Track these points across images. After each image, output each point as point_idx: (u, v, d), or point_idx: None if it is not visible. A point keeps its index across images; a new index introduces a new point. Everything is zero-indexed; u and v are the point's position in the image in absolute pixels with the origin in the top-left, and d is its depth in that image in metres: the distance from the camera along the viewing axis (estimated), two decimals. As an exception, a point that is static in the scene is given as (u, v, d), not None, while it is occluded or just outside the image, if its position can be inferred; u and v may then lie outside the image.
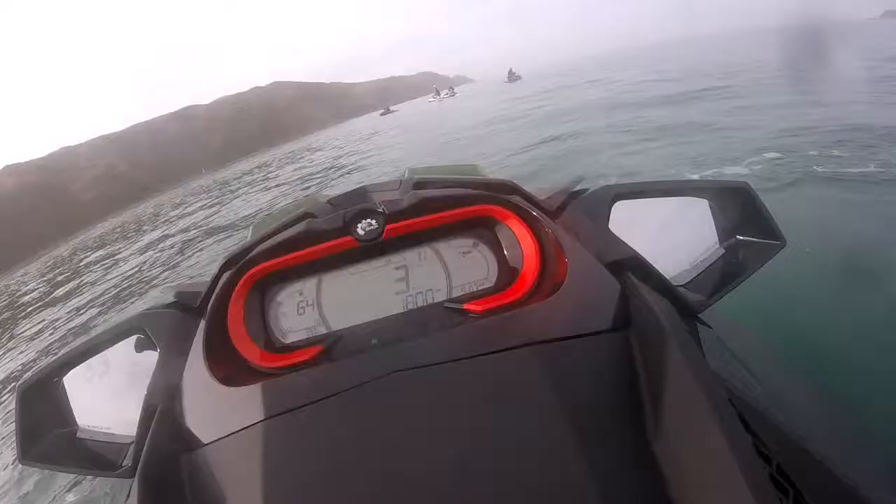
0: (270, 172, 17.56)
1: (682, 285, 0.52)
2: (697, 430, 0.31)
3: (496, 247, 0.57)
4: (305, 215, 0.57)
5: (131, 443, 0.50)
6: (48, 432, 0.53)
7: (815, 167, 3.09)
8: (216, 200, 14.41)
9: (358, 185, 0.64)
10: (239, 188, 15.54)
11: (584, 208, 0.55)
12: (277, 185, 12.27)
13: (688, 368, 0.33)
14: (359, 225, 0.53)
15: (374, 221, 0.53)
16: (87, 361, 0.55)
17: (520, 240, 0.55)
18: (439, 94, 36.98)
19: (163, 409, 0.46)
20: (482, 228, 0.57)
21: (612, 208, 0.54)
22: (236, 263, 0.54)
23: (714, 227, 0.58)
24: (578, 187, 0.59)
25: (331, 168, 11.71)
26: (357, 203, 0.57)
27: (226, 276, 0.54)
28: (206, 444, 0.43)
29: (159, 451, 0.41)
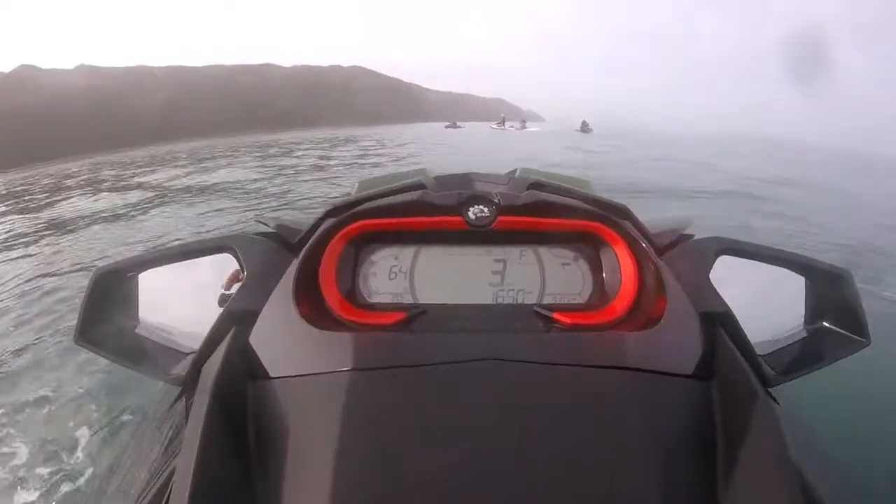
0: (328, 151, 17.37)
1: (760, 355, 0.50)
2: (768, 496, 0.32)
3: (595, 266, 0.56)
4: (419, 185, 0.57)
5: (190, 354, 0.50)
6: (109, 321, 0.54)
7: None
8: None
9: (467, 171, 0.64)
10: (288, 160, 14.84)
11: (690, 252, 0.55)
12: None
13: (769, 437, 0.34)
14: (471, 209, 0.54)
15: (486, 209, 0.54)
16: (169, 265, 0.55)
17: (622, 266, 0.55)
18: (504, 125, 37.01)
19: (238, 331, 0.46)
20: (586, 245, 0.57)
21: (717, 260, 0.54)
22: (341, 213, 0.55)
23: (804, 307, 0.57)
24: (688, 230, 0.59)
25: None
26: (464, 186, 0.59)
27: (329, 222, 0.54)
28: (277, 378, 0.43)
29: (231, 371, 0.41)
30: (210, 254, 0.56)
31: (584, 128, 33.47)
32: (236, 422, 0.39)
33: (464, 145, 19.19)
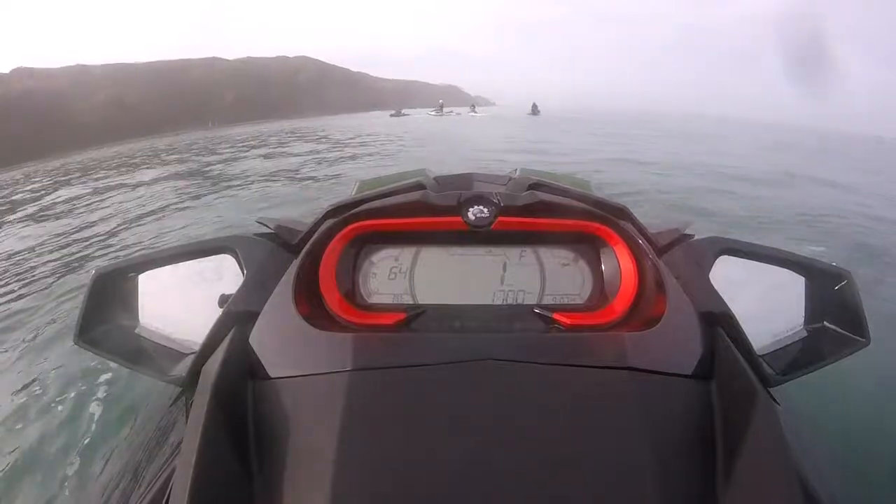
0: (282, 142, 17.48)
1: (760, 355, 0.51)
2: (768, 496, 0.33)
3: (595, 266, 0.57)
4: (419, 185, 0.59)
5: (189, 354, 0.52)
6: (109, 322, 0.54)
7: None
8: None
9: (466, 171, 0.66)
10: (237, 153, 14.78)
11: (690, 253, 0.55)
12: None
13: (769, 437, 0.35)
14: (470, 209, 0.55)
15: (485, 210, 0.55)
16: (168, 266, 0.56)
17: (622, 267, 0.56)
18: (442, 111, 38.18)
19: (238, 332, 0.47)
20: (586, 245, 0.58)
21: (716, 260, 0.54)
22: (341, 214, 0.56)
23: (804, 307, 0.58)
24: (688, 231, 0.60)
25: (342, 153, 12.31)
26: (463, 186, 0.61)
27: (329, 222, 0.56)
28: (277, 378, 0.43)
29: (231, 371, 0.41)
30: (210, 255, 0.56)
31: (534, 110, 36.20)
32: (236, 422, 0.39)
33: (406, 133, 19.65)
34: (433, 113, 37.70)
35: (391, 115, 37.56)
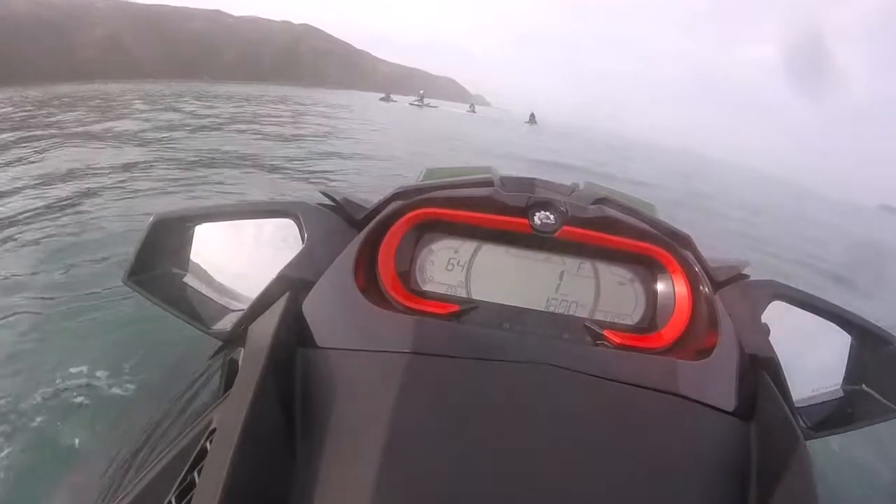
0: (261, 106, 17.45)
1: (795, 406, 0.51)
2: None
3: (651, 290, 0.57)
4: (488, 182, 0.59)
5: (234, 311, 0.53)
6: (160, 267, 0.55)
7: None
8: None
9: (530, 176, 0.64)
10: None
11: (745, 292, 0.56)
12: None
13: (803, 486, 0.35)
14: (537, 214, 0.55)
15: (552, 216, 0.55)
16: (228, 222, 0.57)
17: (677, 295, 0.55)
18: (422, 101, 39.27)
19: (292, 297, 0.47)
20: (644, 268, 0.57)
21: (770, 304, 0.55)
22: (409, 197, 0.57)
23: (845, 366, 0.57)
24: (745, 270, 0.60)
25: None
26: (528, 190, 0.59)
27: (396, 204, 0.56)
28: (327, 348, 0.44)
29: (284, 335, 0.42)
30: (272, 217, 0.57)
31: (531, 120, 38.62)
32: (285, 386, 0.39)
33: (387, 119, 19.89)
34: (416, 102, 39.01)
35: (381, 99, 38.44)
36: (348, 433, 0.36)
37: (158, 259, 0.55)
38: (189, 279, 0.56)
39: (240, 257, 0.58)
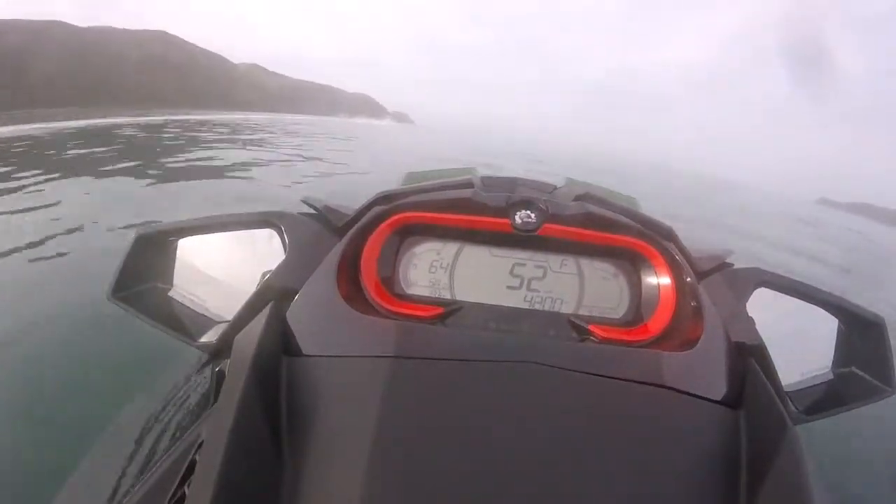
0: None
1: (785, 392, 0.52)
2: None
3: (634, 283, 0.57)
4: (468, 183, 0.58)
5: (220, 322, 0.53)
6: (144, 283, 0.55)
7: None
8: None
9: (512, 175, 0.64)
10: None
11: (729, 281, 0.56)
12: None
13: (794, 472, 0.35)
14: (518, 213, 0.55)
15: (532, 215, 0.55)
16: (210, 235, 0.57)
17: (661, 287, 0.55)
18: None
19: (276, 306, 0.47)
20: (627, 261, 0.57)
21: (755, 292, 0.55)
22: (390, 202, 0.56)
23: (833, 350, 0.58)
24: (728, 259, 0.60)
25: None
26: (509, 190, 0.59)
27: (376, 209, 0.56)
28: (311, 356, 0.43)
29: (269, 345, 0.41)
30: (254, 227, 0.56)
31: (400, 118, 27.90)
32: (270, 395, 0.39)
33: None
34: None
35: None
36: (335, 440, 0.37)
37: (142, 275, 0.56)
38: (174, 293, 0.57)
39: (224, 269, 0.59)
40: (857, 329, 0.57)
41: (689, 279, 0.54)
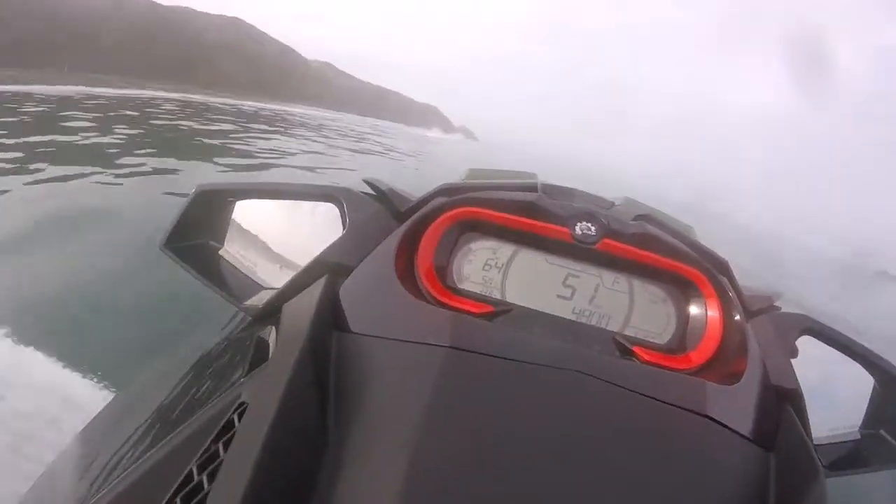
0: None
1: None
2: None
3: (682, 312, 0.57)
4: (532, 187, 0.59)
5: (267, 288, 0.53)
6: (198, 238, 0.56)
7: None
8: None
9: (570, 186, 0.65)
10: None
11: (776, 324, 0.56)
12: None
13: None
14: (579, 224, 0.55)
15: (593, 228, 0.55)
16: (270, 201, 0.58)
17: (709, 319, 0.55)
18: None
19: (330, 280, 0.47)
20: (678, 289, 0.57)
21: (799, 338, 0.55)
22: (454, 194, 0.57)
23: (865, 409, 0.58)
24: (777, 302, 0.60)
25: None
26: (568, 200, 0.59)
27: (440, 199, 0.56)
28: (361, 335, 0.44)
29: (322, 317, 0.42)
30: (315, 199, 0.56)
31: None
32: (319, 367, 0.39)
33: None
34: None
35: None
36: (381, 420, 0.37)
37: (197, 230, 0.56)
38: (225, 253, 0.58)
39: (277, 237, 0.59)
40: (892, 392, 0.56)
41: (737, 315, 0.54)
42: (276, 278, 0.52)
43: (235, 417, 0.35)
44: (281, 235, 0.59)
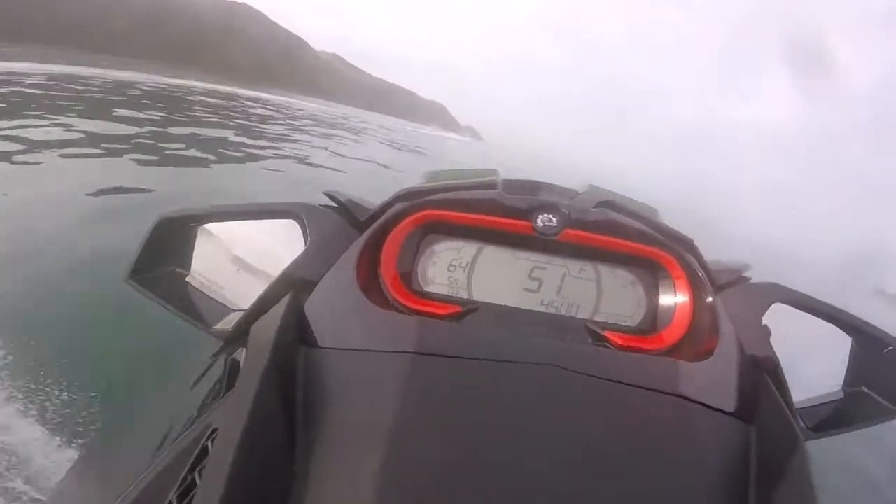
0: None
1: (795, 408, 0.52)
2: None
3: (652, 293, 0.57)
4: (492, 184, 0.59)
5: (236, 311, 0.54)
6: (162, 267, 0.56)
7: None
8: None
9: (534, 179, 0.66)
10: None
11: (746, 295, 0.56)
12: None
13: (803, 489, 0.35)
14: (540, 216, 0.54)
15: (554, 219, 0.54)
16: (231, 223, 0.58)
17: (678, 298, 0.55)
18: None
19: (294, 297, 0.47)
20: (645, 271, 0.57)
21: (771, 307, 0.56)
22: (413, 198, 0.56)
23: (846, 368, 0.59)
24: (746, 273, 0.60)
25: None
26: (532, 193, 0.60)
27: (400, 205, 0.55)
28: (328, 348, 0.43)
29: (286, 334, 0.42)
30: (276, 217, 0.57)
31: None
32: (287, 385, 0.39)
33: None
34: None
35: None
36: (350, 432, 0.37)
37: (161, 259, 0.57)
38: (191, 279, 0.58)
39: (242, 257, 0.60)
40: (871, 349, 0.57)
41: (706, 291, 0.54)
42: (246, 299, 0.51)
43: (209, 444, 0.35)
44: (248, 254, 0.59)
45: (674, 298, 0.55)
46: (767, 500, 0.36)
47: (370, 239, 0.53)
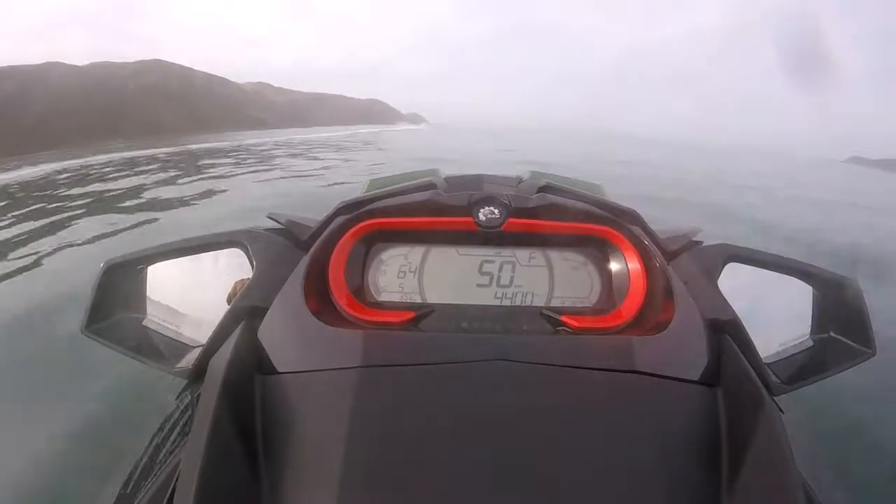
0: None
1: (765, 363, 0.52)
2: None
3: (604, 270, 0.57)
4: (430, 185, 0.59)
5: (196, 347, 0.53)
6: (116, 313, 0.55)
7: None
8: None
9: (476, 173, 0.65)
10: None
11: (698, 259, 0.56)
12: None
13: (774, 445, 0.35)
14: (481, 210, 0.55)
15: (496, 211, 0.54)
16: (177, 260, 0.57)
17: (630, 271, 0.55)
18: None
19: (246, 326, 0.47)
20: (595, 249, 0.58)
21: (724, 267, 0.55)
22: (352, 211, 0.56)
23: (810, 317, 0.58)
24: (696, 237, 0.60)
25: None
26: (473, 187, 0.60)
27: (339, 220, 0.56)
28: (285, 373, 0.43)
29: (239, 365, 0.41)
30: (220, 248, 0.56)
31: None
32: (244, 416, 0.39)
33: None
34: None
35: None
36: (310, 454, 0.37)
37: (114, 305, 0.55)
38: (148, 322, 0.57)
39: (195, 292, 0.59)
40: (832, 294, 0.56)
41: (657, 261, 0.54)
42: (205, 334, 0.50)
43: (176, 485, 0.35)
44: (201, 287, 0.58)
45: (626, 272, 0.56)
46: (739, 458, 0.36)
47: (314, 257, 0.53)
